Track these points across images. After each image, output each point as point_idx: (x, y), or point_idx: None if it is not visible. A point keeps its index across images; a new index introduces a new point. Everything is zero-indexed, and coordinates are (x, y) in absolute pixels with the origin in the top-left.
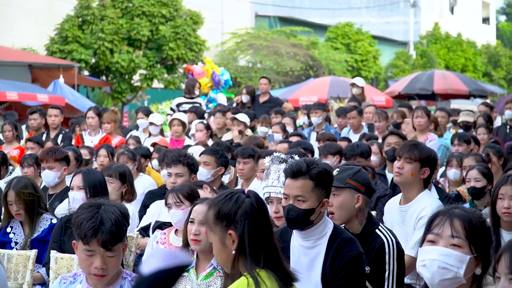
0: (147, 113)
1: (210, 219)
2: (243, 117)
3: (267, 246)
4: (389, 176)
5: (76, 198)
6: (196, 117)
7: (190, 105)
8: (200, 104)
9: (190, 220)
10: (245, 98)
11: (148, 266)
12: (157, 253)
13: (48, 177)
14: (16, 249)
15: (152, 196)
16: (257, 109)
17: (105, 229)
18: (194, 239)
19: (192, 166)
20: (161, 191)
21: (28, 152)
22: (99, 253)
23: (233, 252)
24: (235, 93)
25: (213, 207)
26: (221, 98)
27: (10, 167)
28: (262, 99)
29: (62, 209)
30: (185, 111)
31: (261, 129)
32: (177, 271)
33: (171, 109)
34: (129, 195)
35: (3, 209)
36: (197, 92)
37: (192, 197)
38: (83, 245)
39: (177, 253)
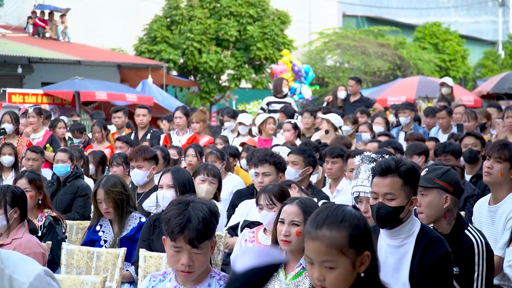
0: (233, 115)
1: (343, 242)
2: (333, 117)
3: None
4: (467, 177)
5: (166, 197)
6: (286, 117)
7: (280, 105)
8: (290, 103)
9: (280, 220)
10: (343, 94)
11: (242, 263)
12: (250, 250)
13: (137, 176)
14: (105, 247)
15: (240, 196)
16: (347, 108)
17: (192, 227)
18: (285, 240)
19: (279, 165)
20: (249, 190)
21: (117, 151)
22: (186, 250)
23: (362, 275)
24: (323, 93)
25: (343, 229)
26: (306, 91)
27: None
28: (352, 99)
29: (149, 203)
30: (275, 111)
31: (345, 128)
32: (271, 269)
33: (261, 108)
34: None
35: (92, 207)
36: (285, 90)
37: (283, 197)
38: (170, 242)
39: (271, 251)
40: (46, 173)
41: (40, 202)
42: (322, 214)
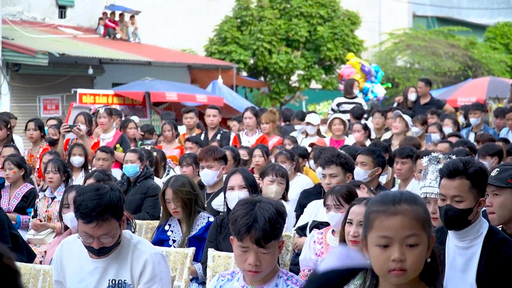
0: (302, 117)
1: (425, 216)
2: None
3: None
4: None
5: (241, 198)
6: (353, 118)
7: (351, 105)
8: (361, 104)
9: (348, 221)
10: (413, 96)
11: (325, 264)
12: (335, 251)
13: (207, 176)
14: (174, 246)
15: (307, 195)
16: (417, 110)
17: (259, 227)
18: (354, 241)
19: (346, 166)
20: (316, 190)
21: (187, 151)
22: (252, 250)
23: (428, 260)
24: (393, 93)
25: (420, 205)
26: (379, 89)
27: (167, 166)
28: (423, 101)
29: (219, 202)
30: (345, 111)
31: (414, 130)
32: (351, 274)
33: (332, 109)
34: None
35: (161, 207)
36: (355, 91)
37: (351, 198)
38: (237, 242)
39: (355, 254)
40: (116, 173)
41: None
42: (391, 193)
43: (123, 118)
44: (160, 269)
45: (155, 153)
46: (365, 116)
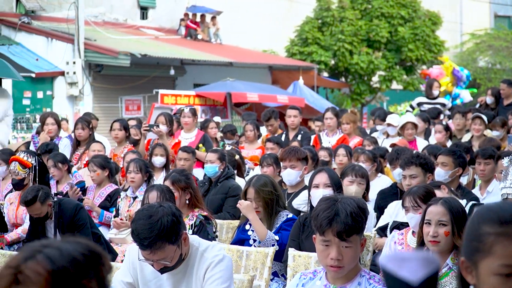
0: (383, 117)
1: None
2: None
3: None
4: None
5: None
6: (422, 121)
7: (430, 106)
8: (443, 104)
9: (426, 221)
10: (489, 100)
11: (406, 271)
12: (409, 257)
13: (290, 175)
14: (255, 246)
15: (384, 196)
16: (501, 111)
17: (340, 220)
18: (433, 241)
19: (426, 166)
20: (392, 190)
21: (268, 152)
22: (334, 244)
23: None
24: (474, 95)
25: None
26: (466, 95)
27: (247, 166)
28: (506, 102)
29: (299, 201)
30: (424, 111)
31: (495, 133)
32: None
33: (411, 106)
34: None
35: None
36: (435, 92)
37: (428, 199)
38: (319, 236)
39: (432, 258)
40: (199, 173)
41: (188, 202)
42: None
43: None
44: (220, 269)
45: (237, 156)
46: (447, 115)
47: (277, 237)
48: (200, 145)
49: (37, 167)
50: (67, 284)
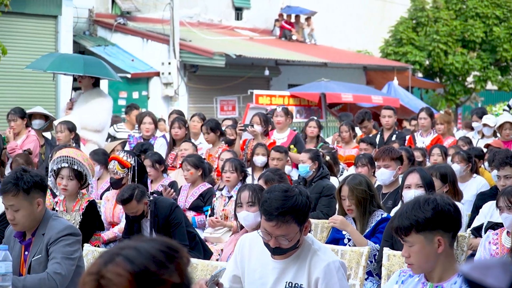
0: (481, 115)
1: None
2: None
3: None
4: None
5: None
6: None
7: None
8: None
9: None
10: None
11: (489, 277)
12: (493, 264)
13: (384, 175)
14: (349, 245)
15: (483, 197)
16: None
17: (398, 218)
18: None
19: None
20: (491, 192)
21: (362, 152)
22: (403, 242)
23: None
24: None
25: None
26: None
27: (341, 166)
28: None
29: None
30: None
31: None
32: None
33: (508, 106)
34: (451, 194)
35: (337, 204)
36: None
37: None
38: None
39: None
40: (294, 174)
41: None
42: None
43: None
44: (338, 277)
45: (327, 157)
46: None
47: (377, 246)
48: (292, 146)
49: (136, 168)
50: (149, 281)
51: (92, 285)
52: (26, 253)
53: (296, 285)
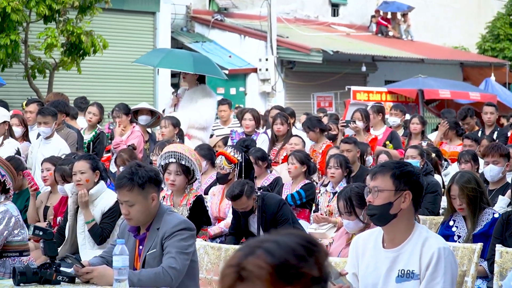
0: None
1: None
2: None
3: None
4: None
5: None
6: None
7: None
8: None
9: None
10: None
11: None
12: None
13: (492, 171)
14: (459, 242)
15: None
16: None
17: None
18: None
19: None
20: None
21: (466, 148)
22: None
23: None
24: None
25: None
26: None
27: (445, 163)
28: None
29: (498, 207)
30: None
31: None
32: None
33: None
34: None
35: (446, 203)
36: None
37: None
38: None
39: None
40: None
41: None
42: None
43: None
44: (446, 263)
45: (433, 154)
46: None
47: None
48: (387, 142)
49: (243, 164)
50: (289, 274)
51: (233, 277)
52: (141, 247)
53: (408, 271)
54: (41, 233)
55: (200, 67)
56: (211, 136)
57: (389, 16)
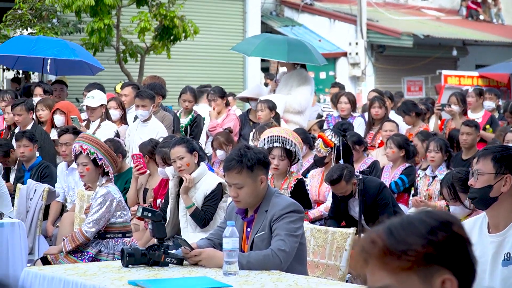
0: None
1: None
2: None
3: None
4: None
5: None
6: None
7: None
8: None
9: None
10: None
11: None
12: None
13: None
14: None
15: None
16: None
17: None
18: None
19: None
20: None
21: None
22: None
23: None
24: None
25: None
26: None
27: None
28: None
29: None
30: None
31: None
32: None
33: None
34: None
35: None
36: None
37: None
38: None
39: None
40: None
41: None
42: None
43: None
44: None
45: None
46: None
47: None
48: (487, 126)
49: (340, 147)
50: (399, 250)
51: (361, 262)
52: (248, 229)
53: None
54: (149, 214)
55: (295, 55)
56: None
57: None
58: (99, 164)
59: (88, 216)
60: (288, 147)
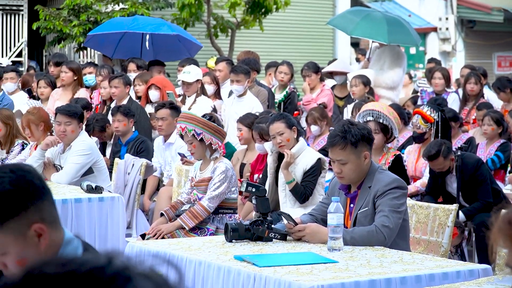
0: None
1: None
2: None
3: None
4: None
5: None
6: None
7: None
8: None
9: None
10: None
11: None
12: None
13: None
14: None
15: None
16: None
17: None
18: None
19: None
20: None
21: None
22: None
23: None
24: None
25: None
26: None
27: None
28: None
29: None
30: None
31: None
32: None
33: None
34: None
35: None
36: None
37: None
38: None
39: None
40: None
41: None
42: None
43: None
44: None
45: None
46: None
47: None
48: None
49: (439, 123)
50: None
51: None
52: (352, 205)
53: None
54: (254, 189)
55: (394, 36)
56: None
57: None
58: (198, 138)
59: (209, 191)
60: (381, 121)
